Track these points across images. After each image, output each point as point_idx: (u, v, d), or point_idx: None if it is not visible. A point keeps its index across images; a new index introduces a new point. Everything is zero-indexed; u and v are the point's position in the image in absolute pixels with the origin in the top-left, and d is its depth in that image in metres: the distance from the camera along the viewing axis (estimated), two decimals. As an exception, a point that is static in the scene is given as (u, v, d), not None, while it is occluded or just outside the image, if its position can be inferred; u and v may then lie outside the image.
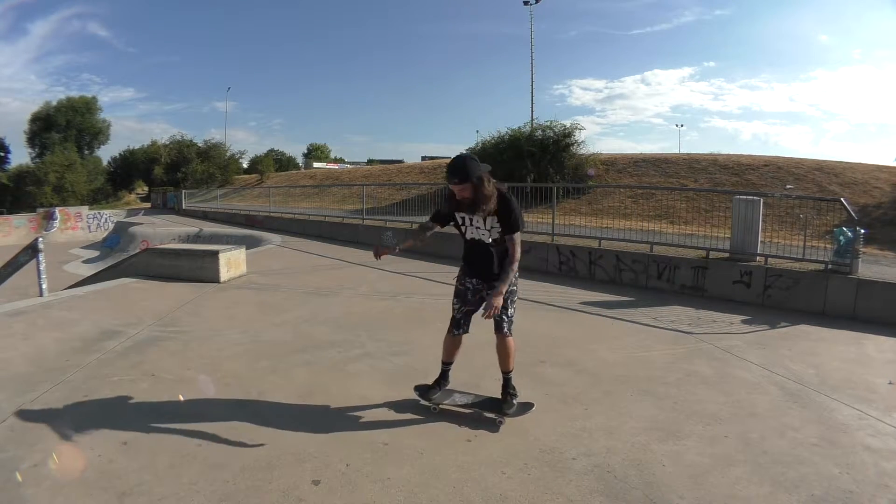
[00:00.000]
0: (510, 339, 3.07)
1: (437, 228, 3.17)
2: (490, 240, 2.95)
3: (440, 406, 3.17)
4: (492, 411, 3.09)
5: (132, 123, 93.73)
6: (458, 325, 3.19)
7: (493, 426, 3.00)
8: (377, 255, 3.09)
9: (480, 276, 3.08)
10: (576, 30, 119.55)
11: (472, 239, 3.03)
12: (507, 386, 3.14)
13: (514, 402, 3.10)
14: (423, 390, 3.26)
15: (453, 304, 3.23)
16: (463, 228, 3.06)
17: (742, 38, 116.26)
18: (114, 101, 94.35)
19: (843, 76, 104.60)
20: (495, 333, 3.08)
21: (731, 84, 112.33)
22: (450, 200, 2.99)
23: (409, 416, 3.15)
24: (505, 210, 2.86)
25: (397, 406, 3.29)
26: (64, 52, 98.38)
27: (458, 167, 2.81)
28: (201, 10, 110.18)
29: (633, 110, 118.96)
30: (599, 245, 7.94)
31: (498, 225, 2.89)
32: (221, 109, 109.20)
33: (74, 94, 50.67)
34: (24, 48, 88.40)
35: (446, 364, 3.28)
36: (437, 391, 3.23)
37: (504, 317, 3.00)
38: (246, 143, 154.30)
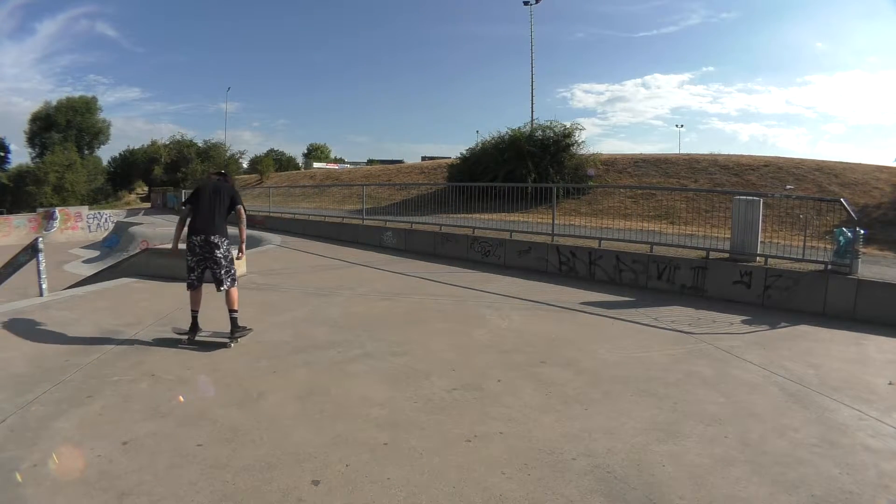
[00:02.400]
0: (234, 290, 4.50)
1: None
2: None
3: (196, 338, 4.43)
4: (226, 338, 4.40)
5: (139, 124, 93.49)
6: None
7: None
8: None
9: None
10: (582, 31, 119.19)
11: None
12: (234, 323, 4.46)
13: (239, 332, 4.46)
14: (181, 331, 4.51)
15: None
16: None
17: (741, 43, 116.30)
18: (119, 101, 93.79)
19: (839, 80, 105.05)
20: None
21: (729, 87, 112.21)
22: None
23: (409, 416, 3.15)
24: None
25: (397, 406, 3.29)
26: (71, 51, 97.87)
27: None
28: (208, 11, 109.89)
29: (634, 112, 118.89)
30: (599, 245, 7.94)
31: None
32: (226, 110, 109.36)
33: (81, 93, 50.49)
34: (30, 47, 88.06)
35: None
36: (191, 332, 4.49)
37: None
38: (251, 143, 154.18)
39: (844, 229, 5.90)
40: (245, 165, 43.74)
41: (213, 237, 4.41)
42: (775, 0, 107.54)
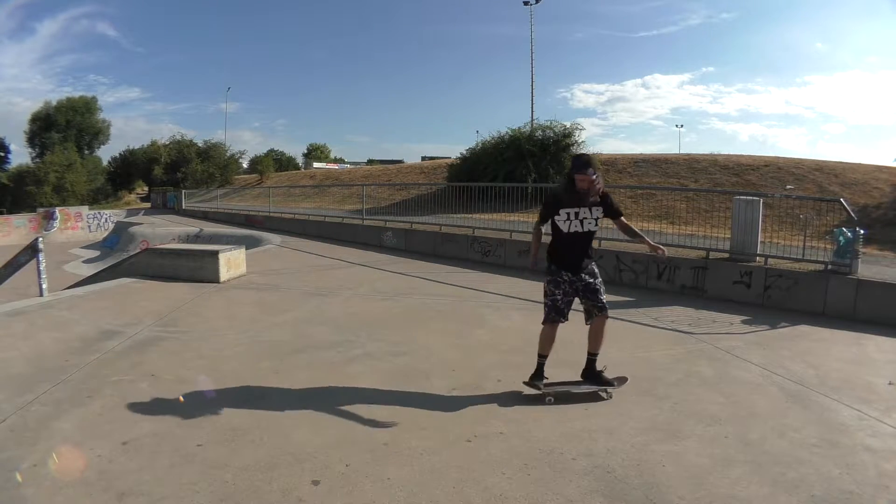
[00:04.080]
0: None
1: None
2: (594, 227, 3.44)
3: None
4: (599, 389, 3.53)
5: (139, 124, 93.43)
6: (562, 313, 3.54)
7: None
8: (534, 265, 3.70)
9: (573, 269, 3.47)
10: (582, 31, 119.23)
11: (572, 233, 3.41)
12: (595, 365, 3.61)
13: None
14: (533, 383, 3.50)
15: (554, 295, 3.51)
16: (567, 224, 3.39)
17: (741, 43, 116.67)
18: (119, 101, 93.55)
19: (839, 80, 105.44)
20: (599, 314, 3.57)
21: (729, 87, 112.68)
22: (557, 200, 3.41)
23: (409, 416, 3.15)
24: (607, 199, 3.44)
25: (397, 406, 3.29)
26: (71, 51, 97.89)
27: (589, 160, 3.37)
28: (208, 11, 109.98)
29: (634, 112, 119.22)
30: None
31: (600, 213, 3.42)
32: (226, 110, 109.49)
33: (81, 93, 50.44)
34: (30, 47, 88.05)
35: (544, 357, 3.57)
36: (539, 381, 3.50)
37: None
38: (251, 143, 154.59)
39: (844, 229, 5.90)
40: (245, 165, 43.74)
41: None
42: (775, 0, 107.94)
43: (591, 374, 3.57)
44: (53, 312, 5.44)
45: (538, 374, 3.50)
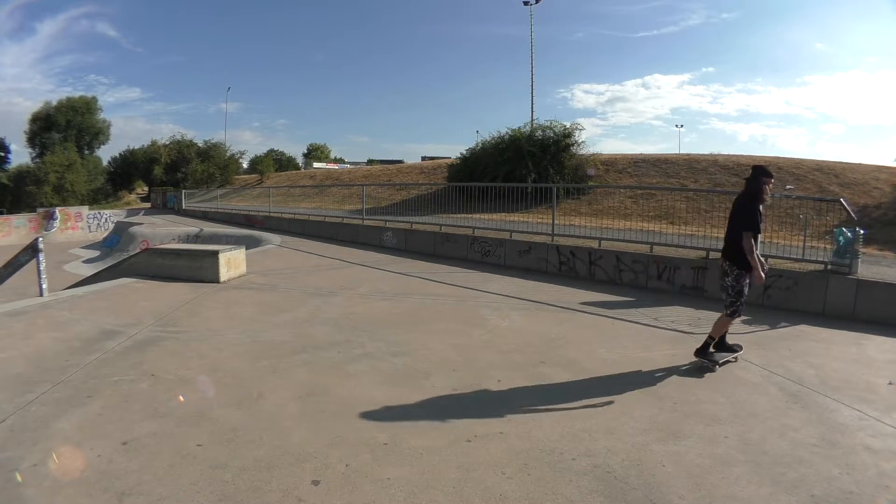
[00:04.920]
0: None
1: None
2: None
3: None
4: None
5: (139, 124, 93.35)
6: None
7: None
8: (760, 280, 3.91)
9: None
10: (582, 31, 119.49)
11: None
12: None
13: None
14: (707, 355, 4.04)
15: (746, 295, 4.01)
16: (762, 225, 3.90)
17: (741, 43, 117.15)
18: (119, 101, 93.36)
19: (838, 80, 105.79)
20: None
21: (729, 87, 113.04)
22: (758, 206, 3.88)
23: (409, 416, 3.15)
24: None
25: (397, 406, 3.29)
26: (71, 51, 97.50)
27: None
28: (208, 10, 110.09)
29: (634, 112, 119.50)
30: (599, 245, 7.93)
31: None
32: (226, 110, 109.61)
33: (81, 93, 50.38)
34: (31, 47, 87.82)
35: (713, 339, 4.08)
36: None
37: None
38: (251, 143, 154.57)
39: (844, 229, 5.90)
40: (245, 165, 43.74)
41: (723, 262, 4.08)
42: (775, 0, 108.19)
43: (723, 344, 4.18)
44: (53, 312, 5.44)
45: (707, 349, 4.03)
